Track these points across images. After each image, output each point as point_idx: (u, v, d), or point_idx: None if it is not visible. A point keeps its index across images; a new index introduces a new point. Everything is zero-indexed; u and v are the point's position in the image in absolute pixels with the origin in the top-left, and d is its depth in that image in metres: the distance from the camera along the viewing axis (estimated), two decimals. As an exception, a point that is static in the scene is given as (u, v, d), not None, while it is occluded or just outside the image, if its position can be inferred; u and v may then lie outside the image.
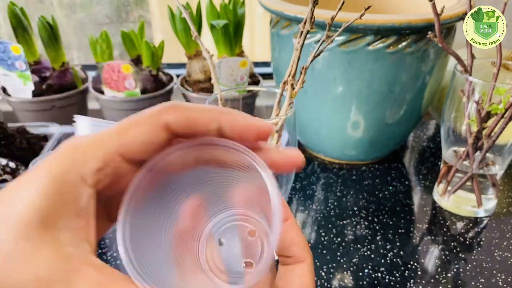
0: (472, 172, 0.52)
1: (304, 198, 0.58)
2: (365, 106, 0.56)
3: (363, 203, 0.57)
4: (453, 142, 0.54)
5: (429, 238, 0.51)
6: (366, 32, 0.51)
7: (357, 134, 0.60)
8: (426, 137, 0.75)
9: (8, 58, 0.61)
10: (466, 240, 0.51)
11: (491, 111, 0.47)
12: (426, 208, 0.57)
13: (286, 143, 0.41)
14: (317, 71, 0.55)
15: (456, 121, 0.52)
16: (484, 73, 0.50)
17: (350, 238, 0.51)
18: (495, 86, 0.47)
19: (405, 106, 0.58)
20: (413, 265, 0.47)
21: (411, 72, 0.54)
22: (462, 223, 0.53)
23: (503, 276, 0.45)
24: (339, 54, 0.53)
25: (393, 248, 0.49)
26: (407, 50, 0.52)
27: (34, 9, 0.91)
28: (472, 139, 0.50)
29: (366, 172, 0.64)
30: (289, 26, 0.56)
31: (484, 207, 0.54)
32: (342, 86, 0.55)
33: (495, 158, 0.53)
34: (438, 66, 0.56)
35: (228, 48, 0.65)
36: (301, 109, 0.60)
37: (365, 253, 0.48)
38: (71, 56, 0.99)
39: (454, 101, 0.51)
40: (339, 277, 0.45)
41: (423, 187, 0.61)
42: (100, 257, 0.47)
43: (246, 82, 0.62)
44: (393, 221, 0.54)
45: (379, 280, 0.45)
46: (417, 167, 0.66)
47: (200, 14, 0.66)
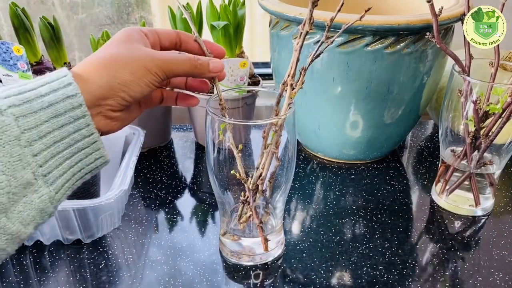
0: (470, 172, 0.53)
1: (304, 197, 0.59)
2: (364, 106, 0.57)
3: (361, 202, 0.58)
4: (451, 141, 0.54)
5: (427, 236, 0.52)
6: (364, 33, 0.51)
7: (356, 134, 0.61)
8: (424, 137, 0.76)
9: (10, 59, 0.61)
10: (464, 239, 0.51)
11: (488, 111, 0.48)
12: (424, 207, 0.57)
13: (286, 142, 0.42)
14: (316, 72, 0.55)
15: (454, 121, 0.52)
16: (482, 74, 0.50)
17: (349, 236, 0.51)
18: (493, 86, 0.47)
19: (403, 106, 0.58)
20: (411, 264, 0.47)
21: (409, 73, 0.54)
22: (460, 222, 0.54)
23: (500, 275, 0.46)
24: (338, 55, 0.53)
25: (392, 247, 0.50)
26: (405, 50, 0.52)
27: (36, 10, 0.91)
28: (470, 138, 0.50)
29: (365, 172, 0.64)
30: (289, 27, 0.56)
31: (481, 206, 0.55)
32: (341, 86, 0.56)
33: (492, 157, 0.53)
34: (436, 67, 0.57)
35: (228, 49, 0.65)
36: (300, 109, 0.61)
37: (364, 252, 0.49)
38: (72, 56, 0.99)
39: (452, 101, 0.52)
40: (338, 275, 0.46)
41: (421, 186, 0.61)
42: (100, 257, 0.48)
43: (246, 82, 0.62)
44: (391, 220, 0.54)
45: (377, 278, 0.45)
46: (415, 166, 0.67)
47: (201, 15, 0.66)
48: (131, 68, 0.32)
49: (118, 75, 0.32)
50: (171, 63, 0.34)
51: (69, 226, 0.48)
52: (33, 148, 0.27)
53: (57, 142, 0.29)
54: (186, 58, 0.36)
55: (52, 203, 0.29)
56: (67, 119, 0.29)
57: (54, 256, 0.48)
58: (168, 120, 0.72)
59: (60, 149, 0.29)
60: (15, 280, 0.45)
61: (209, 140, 0.42)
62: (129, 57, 0.33)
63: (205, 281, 0.45)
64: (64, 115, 0.29)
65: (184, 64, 0.35)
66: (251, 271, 0.46)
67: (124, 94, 0.32)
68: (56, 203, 0.30)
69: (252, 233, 0.47)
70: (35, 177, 0.28)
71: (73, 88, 0.29)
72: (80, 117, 0.29)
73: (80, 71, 0.31)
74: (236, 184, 0.43)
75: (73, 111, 0.29)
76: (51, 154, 0.28)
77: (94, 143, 0.31)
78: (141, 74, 0.33)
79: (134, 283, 0.45)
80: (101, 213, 0.48)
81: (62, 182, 0.30)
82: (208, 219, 0.55)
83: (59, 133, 0.29)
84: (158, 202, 0.57)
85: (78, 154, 0.30)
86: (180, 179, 0.63)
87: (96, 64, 0.32)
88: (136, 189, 0.60)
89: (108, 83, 0.31)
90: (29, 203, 0.28)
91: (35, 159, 0.28)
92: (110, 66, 0.32)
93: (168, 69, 0.34)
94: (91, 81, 0.31)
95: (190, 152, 0.70)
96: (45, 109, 0.28)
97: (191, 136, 0.74)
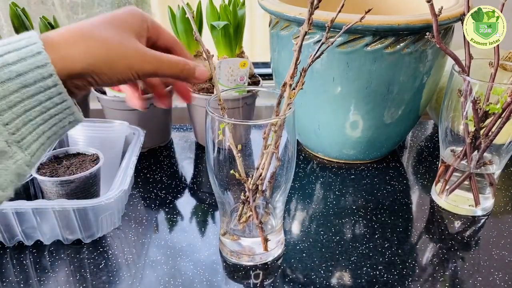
0: (470, 172, 0.53)
1: (303, 197, 0.59)
2: (364, 106, 0.57)
3: (361, 202, 0.58)
4: (451, 141, 0.54)
5: (427, 236, 0.52)
6: (364, 33, 0.51)
7: (356, 134, 0.61)
8: (424, 137, 0.76)
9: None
10: (463, 239, 0.51)
11: (488, 111, 0.48)
12: (424, 207, 0.57)
13: (285, 142, 0.42)
14: (316, 72, 0.55)
15: (454, 121, 0.52)
16: (482, 74, 0.50)
17: (349, 236, 0.51)
18: (493, 86, 0.47)
19: (403, 106, 0.58)
20: (411, 263, 0.47)
21: (409, 73, 0.55)
22: (459, 222, 0.54)
23: (500, 275, 0.46)
24: (338, 55, 0.53)
25: (391, 247, 0.50)
26: (405, 50, 0.52)
27: (36, 10, 0.91)
28: (469, 138, 0.50)
29: (365, 172, 0.64)
30: (289, 27, 0.56)
31: (481, 206, 0.55)
32: (341, 86, 0.56)
33: (492, 157, 0.53)
34: (436, 67, 0.57)
35: (228, 49, 0.66)
36: (300, 109, 0.61)
37: (364, 252, 0.49)
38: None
39: (452, 101, 0.52)
40: (338, 275, 0.46)
41: (421, 186, 0.61)
42: (100, 257, 0.48)
43: (246, 82, 0.62)
44: (391, 220, 0.54)
45: (377, 278, 0.45)
46: (415, 166, 0.67)
47: (201, 15, 0.66)
48: (112, 63, 0.31)
49: (96, 64, 0.30)
50: (160, 64, 0.34)
51: (69, 226, 0.48)
52: (3, 117, 0.27)
53: (28, 110, 0.28)
54: (176, 61, 0.35)
55: (28, 166, 0.29)
56: (37, 89, 0.28)
57: (54, 256, 0.48)
58: (168, 120, 0.72)
59: (32, 116, 0.28)
60: (15, 280, 0.45)
61: (209, 140, 0.42)
62: (115, 52, 0.31)
63: (205, 281, 0.45)
64: (34, 85, 0.28)
65: (172, 66, 0.34)
66: (251, 271, 0.46)
67: (92, 80, 0.31)
68: (33, 165, 0.30)
69: (252, 233, 0.47)
70: (8, 145, 0.28)
71: (42, 58, 0.28)
72: (51, 86, 0.29)
73: (56, 39, 0.30)
74: (236, 184, 0.43)
75: (43, 81, 0.28)
76: (22, 122, 0.28)
77: (67, 108, 0.30)
78: (119, 72, 0.32)
79: (134, 283, 0.45)
80: (101, 213, 0.48)
81: (37, 146, 0.30)
82: (208, 219, 0.55)
83: (30, 102, 0.28)
84: (158, 202, 0.57)
85: (51, 120, 0.30)
86: (180, 179, 0.63)
87: (76, 41, 0.30)
88: (136, 189, 0.60)
89: (82, 68, 0.30)
90: (5, 169, 0.28)
91: (6, 128, 0.27)
92: (91, 51, 0.30)
93: (153, 71, 0.33)
94: (64, 55, 0.29)
95: (190, 152, 0.70)
96: (13, 79, 0.27)
97: (191, 136, 0.74)
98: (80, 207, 0.46)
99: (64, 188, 0.49)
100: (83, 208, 0.46)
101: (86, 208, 0.46)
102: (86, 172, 0.50)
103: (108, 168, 0.55)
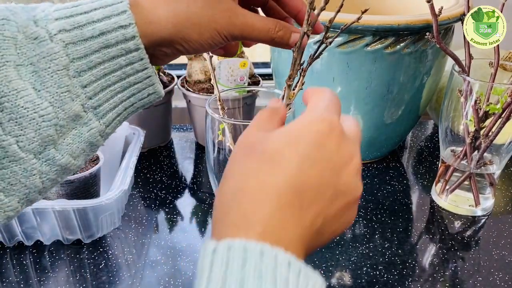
0: (470, 172, 0.53)
1: (304, 198, 0.59)
2: (364, 106, 0.57)
3: (361, 202, 0.57)
4: (451, 141, 0.54)
5: (427, 236, 0.52)
6: (364, 33, 0.51)
7: (356, 134, 0.61)
8: (424, 137, 0.76)
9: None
10: (464, 239, 0.51)
11: (488, 111, 0.48)
12: (424, 207, 0.57)
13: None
14: (316, 72, 0.55)
15: (454, 121, 0.52)
16: (482, 74, 0.50)
17: (349, 236, 0.51)
18: (493, 86, 0.47)
19: (403, 106, 0.58)
20: (411, 264, 0.47)
21: (409, 73, 0.54)
22: (460, 222, 0.54)
23: (500, 275, 0.46)
24: (338, 55, 0.53)
25: (392, 247, 0.50)
26: (405, 50, 0.52)
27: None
28: (470, 138, 0.50)
29: (365, 172, 0.64)
30: (289, 27, 0.56)
31: (481, 206, 0.55)
32: (341, 86, 0.56)
33: (492, 157, 0.53)
34: (436, 67, 0.57)
35: (228, 49, 0.66)
36: (300, 109, 0.60)
37: (364, 252, 0.49)
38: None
39: (452, 101, 0.52)
40: (338, 275, 0.46)
41: (421, 186, 0.61)
42: (100, 257, 0.48)
43: (246, 82, 0.62)
44: (391, 220, 0.54)
45: (377, 278, 0.45)
46: (415, 166, 0.67)
47: (201, 15, 0.66)
48: (201, 27, 0.28)
49: (184, 30, 0.28)
50: (248, 29, 0.30)
51: (69, 226, 0.48)
52: (82, 79, 0.26)
53: (107, 74, 0.27)
54: (266, 29, 0.31)
55: (102, 136, 0.28)
56: (119, 51, 0.26)
57: (54, 256, 0.48)
58: (168, 120, 0.72)
59: (111, 82, 0.27)
60: (15, 280, 0.45)
61: (209, 140, 0.42)
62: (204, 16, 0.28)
63: (205, 281, 0.45)
64: (115, 46, 0.26)
65: (260, 33, 0.31)
66: (251, 271, 0.46)
67: (182, 48, 0.29)
68: (106, 136, 0.29)
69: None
70: (84, 109, 0.26)
71: (126, 17, 0.26)
72: (133, 50, 0.27)
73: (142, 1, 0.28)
74: (236, 184, 0.43)
75: (125, 42, 0.26)
76: (101, 87, 0.27)
77: (147, 78, 0.28)
78: (208, 37, 0.29)
79: (134, 283, 0.45)
80: (101, 213, 0.48)
81: (113, 116, 0.28)
82: (208, 219, 0.55)
83: (110, 65, 0.27)
84: (158, 202, 0.57)
85: (130, 89, 0.28)
86: (180, 179, 0.63)
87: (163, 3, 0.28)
88: (136, 189, 0.60)
89: (170, 34, 0.28)
90: (78, 135, 0.27)
91: (84, 91, 0.26)
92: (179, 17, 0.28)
93: (241, 35, 0.30)
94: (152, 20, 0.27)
95: (190, 152, 0.70)
96: (96, 38, 0.26)
97: (191, 136, 0.74)
98: (80, 207, 0.46)
99: (64, 188, 0.49)
100: (83, 208, 0.46)
101: (86, 208, 0.46)
102: (86, 172, 0.50)
103: (108, 168, 0.56)
